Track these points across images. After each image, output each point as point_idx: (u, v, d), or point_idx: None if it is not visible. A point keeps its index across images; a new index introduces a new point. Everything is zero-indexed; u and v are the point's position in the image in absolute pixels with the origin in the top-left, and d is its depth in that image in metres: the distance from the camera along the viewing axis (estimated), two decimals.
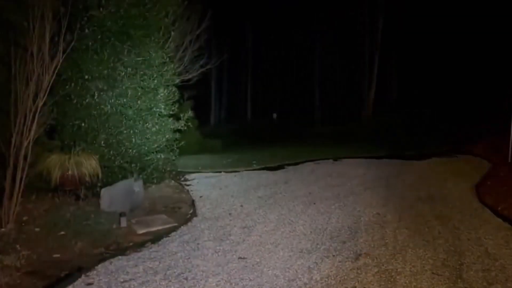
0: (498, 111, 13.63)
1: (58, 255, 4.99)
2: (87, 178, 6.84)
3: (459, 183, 8.98)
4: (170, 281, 4.37)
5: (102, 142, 7.41)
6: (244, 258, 5.01)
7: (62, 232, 5.68)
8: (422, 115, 20.19)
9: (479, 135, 13.98)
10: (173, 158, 8.76)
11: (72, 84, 7.15)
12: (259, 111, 29.45)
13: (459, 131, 15.96)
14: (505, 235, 5.72)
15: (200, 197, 8.07)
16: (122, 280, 4.39)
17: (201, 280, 4.39)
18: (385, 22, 22.55)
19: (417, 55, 22.58)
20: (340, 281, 4.36)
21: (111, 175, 7.36)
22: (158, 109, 8.14)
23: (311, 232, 5.96)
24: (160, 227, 6.13)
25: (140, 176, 7.71)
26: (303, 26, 24.62)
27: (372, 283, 4.30)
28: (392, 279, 4.39)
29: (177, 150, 8.81)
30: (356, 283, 4.29)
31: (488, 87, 19.15)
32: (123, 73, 7.51)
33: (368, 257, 5.00)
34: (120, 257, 5.01)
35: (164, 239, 5.68)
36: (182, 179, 9.54)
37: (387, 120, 20.71)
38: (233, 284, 4.31)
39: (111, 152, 7.48)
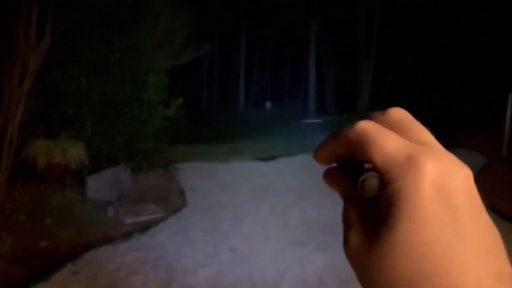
0: (492, 103, 13.64)
1: (44, 244, 4.89)
2: (74, 166, 6.69)
3: None
4: (158, 271, 4.27)
5: (89, 129, 7.25)
6: (234, 249, 4.92)
7: (48, 220, 5.56)
8: (417, 106, 20.20)
9: (473, 128, 13.97)
10: (163, 146, 8.62)
11: (59, 69, 6.96)
12: (252, 100, 29.24)
13: (453, 123, 15.96)
14: (498, 229, 5.69)
15: (190, 187, 7.95)
16: (109, 269, 4.29)
17: (190, 271, 4.29)
18: (382, 18, 22.46)
19: (413, 46, 22.52)
20: (331, 273, 4.29)
21: (98, 163, 7.22)
22: (147, 96, 7.97)
23: (303, 224, 5.89)
24: (148, 217, 6.01)
25: (128, 164, 7.56)
26: (298, 15, 24.41)
27: None
28: None
29: (167, 139, 8.67)
30: (348, 276, 4.23)
31: (482, 80, 19.19)
32: (111, 58, 7.32)
33: None
34: (107, 246, 4.91)
35: (153, 229, 5.57)
36: (172, 168, 9.40)
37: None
38: (223, 275, 4.22)
39: (98, 139, 7.32)
